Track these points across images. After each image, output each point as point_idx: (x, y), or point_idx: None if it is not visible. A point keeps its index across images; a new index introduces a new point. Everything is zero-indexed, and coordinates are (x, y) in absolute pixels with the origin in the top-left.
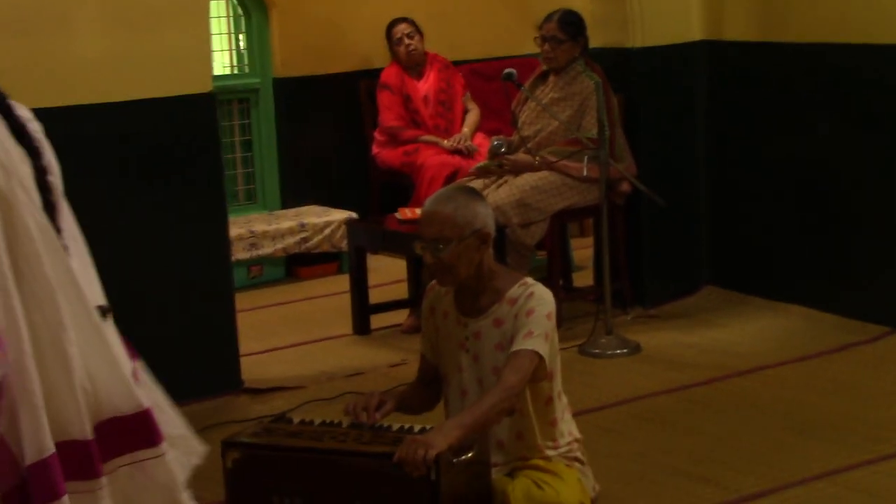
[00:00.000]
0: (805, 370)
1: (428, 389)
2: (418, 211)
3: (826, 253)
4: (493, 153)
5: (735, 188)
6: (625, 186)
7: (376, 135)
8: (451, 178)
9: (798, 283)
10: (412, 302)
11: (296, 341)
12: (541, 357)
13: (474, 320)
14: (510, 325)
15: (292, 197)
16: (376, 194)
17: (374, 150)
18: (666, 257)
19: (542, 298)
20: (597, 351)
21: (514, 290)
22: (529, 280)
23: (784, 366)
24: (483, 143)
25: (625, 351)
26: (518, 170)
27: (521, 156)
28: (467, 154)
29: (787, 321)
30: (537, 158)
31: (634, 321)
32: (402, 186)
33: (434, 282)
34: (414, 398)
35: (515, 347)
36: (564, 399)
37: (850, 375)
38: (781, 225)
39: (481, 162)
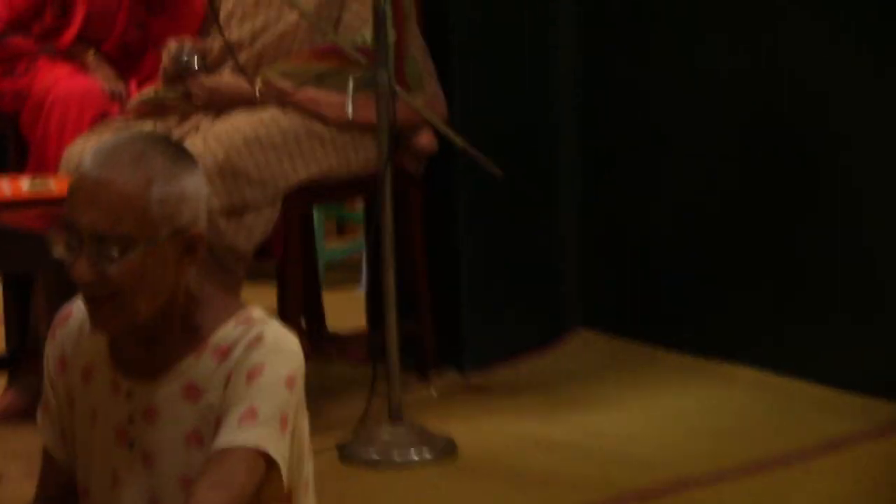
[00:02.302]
0: (768, 485)
1: None
2: (25, 183)
3: (791, 276)
4: (173, 69)
5: (625, 147)
6: (425, 140)
7: None
8: (97, 120)
9: (744, 327)
10: (11, 361)
11: None
12: (270, 461)
13: (145, 385)
14: (215, 396)
15: None
16: None
17: None
18: (502, 278)
19: (278, 348)
20: (373, 456)
21: (228, 331)
22: (257, 313)
23: (725, 481)
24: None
25: (425, 456)
26: (219, 104)
27: (226, 78)
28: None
29: (728, 393)
30: (259, 85)
31: (444, 397)
32: None
33: (69, 310)
34: None
35: (223, 443)
36: None
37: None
38: (714, 223)
39: (149, 90)
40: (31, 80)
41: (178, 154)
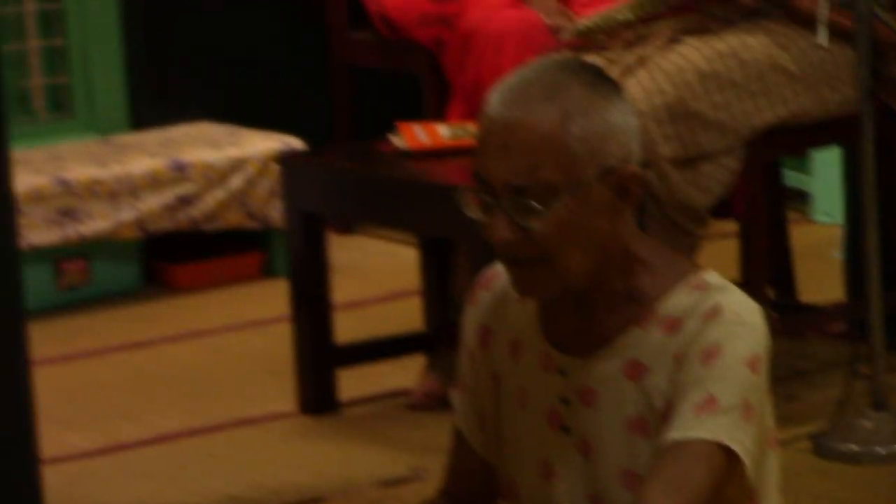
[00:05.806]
0: None
1: None
2: (443, 130)
3: None
4: None
5: None
6: None
7: None
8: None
9: None
10: (431, 341)
11: (168, 430)
12: (733, 457)
13: (582, 360)
14: (663, 376)
15: (153, 106)
16: (347, 96)
17: None
18: None
19: (740, 321)
20: (853, 448)
21: (679, 300)
22: (714, 279)
23: None
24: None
25: None
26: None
27: None
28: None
29: None
30: None
31: None
32: (409, 80)
33: (492, 272)
34: None
35: (675, 434)
36: None
37: None
38: None
39: (589, 18)
40: (461, 9)
41: (598, 80)
